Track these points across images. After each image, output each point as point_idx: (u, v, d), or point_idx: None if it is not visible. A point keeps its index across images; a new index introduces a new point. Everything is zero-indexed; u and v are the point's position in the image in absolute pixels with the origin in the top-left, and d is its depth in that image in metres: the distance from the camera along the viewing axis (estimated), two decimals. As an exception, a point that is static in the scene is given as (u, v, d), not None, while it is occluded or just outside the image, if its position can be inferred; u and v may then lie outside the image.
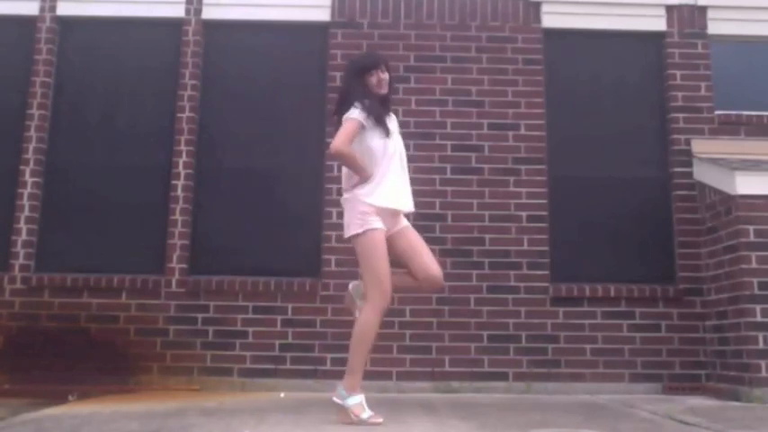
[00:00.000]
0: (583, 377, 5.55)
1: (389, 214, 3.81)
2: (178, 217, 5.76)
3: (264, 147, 5.97)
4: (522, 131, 5.94)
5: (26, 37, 6.06)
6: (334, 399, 3.75)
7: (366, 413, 3.64)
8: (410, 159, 5.72)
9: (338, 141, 3.73)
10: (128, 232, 5.82)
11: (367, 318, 3.76)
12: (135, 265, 5.73)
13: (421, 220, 5.66)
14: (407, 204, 3.89)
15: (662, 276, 5.79)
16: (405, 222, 3.92)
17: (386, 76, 3.90)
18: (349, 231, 3.79)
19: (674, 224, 5.86)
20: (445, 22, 6.12)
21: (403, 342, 5.55)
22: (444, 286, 3.87)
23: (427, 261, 3.83)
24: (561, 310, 5.65)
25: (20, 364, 5.43)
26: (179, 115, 5.93)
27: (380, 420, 3.64)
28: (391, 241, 3.81)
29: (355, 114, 3.77)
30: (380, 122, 3.82)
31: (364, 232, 3.72)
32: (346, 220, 3.82)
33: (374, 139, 3.81)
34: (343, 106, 3.85)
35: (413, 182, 5.70)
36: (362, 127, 3.78)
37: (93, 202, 5.87)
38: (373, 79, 3.86)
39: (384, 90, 3.91)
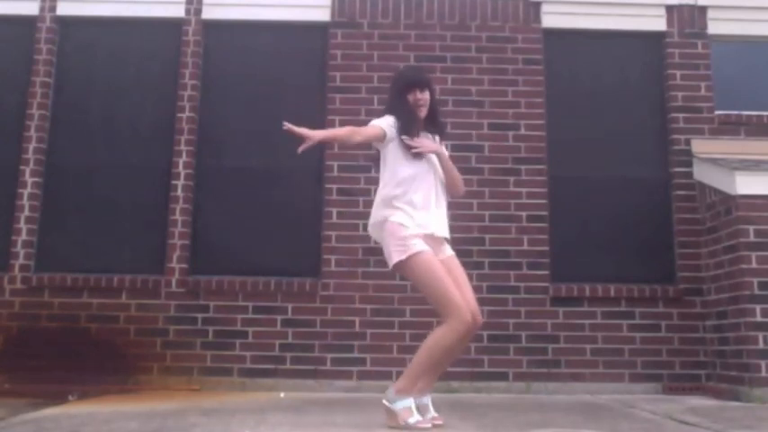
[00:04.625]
0: (583, 377, 5.55)
1: (430, 239, 3.59)
2: (178, 217, 5.76)
3: (265, 147, 5.96)
4: (522, 131, 5.94)
5: (26, 37, 6.06)
6: (383, 401, 3.51)
7: (414, 417, 3.41)
8: (410, 159, 5.80)
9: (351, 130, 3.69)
10: (128, 232, 5.83)
11: (441, 335, 3.47)
12: (135, 265, 5.73)
13: (421, 220, 5.66)
14: (442, 230, 3.66)
15: (662, 276, 5.79)
16: (449, 252, 3.69)
17: (423, 96, 3.67)
18: (392, 261, 3.56)
19: (674, 224, 5.86)
20: (445, 22, 6.12)
21: (403, 342, 5.54)
22: (480, 323, 3.60)
23: (468, 297, 3.56)
24: (561, 310, 5.65)
25: (20, 364, 5.43)
26: (179, 115, 5.93)
27: (428, 426, 3.43)
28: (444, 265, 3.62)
29: (383, 123, 3.65)
30: (404, 141, 3.63)
31: (408, 258, 3.50)
32: (386, 250, 3.60)
33: (404, 162, 3.62)
34: (402, 126, 3.68)
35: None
36: (384, 138, 3.63)
37: (93, 202, 5.87)
38: (411, 98, 3.67)
39: (422, 110, 3.69)
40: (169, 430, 3.50)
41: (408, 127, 3.65)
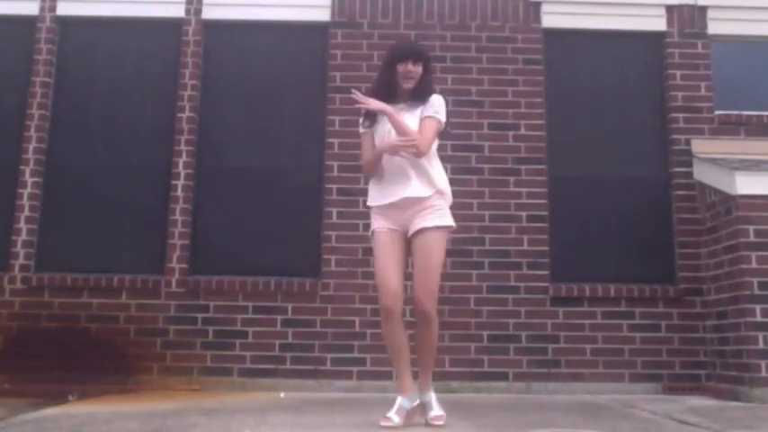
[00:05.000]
0: (583, 377, 5.55)
1: (394, 210, 3.62)
2: (178, 217, 5.76)
3: (265, 147, 5.97)
4: (522, 131, 5.94)
5: (26, 37, 6.06)
6: None
7: (387, 413, 3.51)
8: (410, 159, 5.80)
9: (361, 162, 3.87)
10: (128, 232, 5.82)
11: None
12: (135, 265, 5.73)
13: (421, 220, 5.67)
14: (406, 192, 3.59)
15: (662, 276, 5.78)
16: (423, 223, 3.57)
17: (415, 69, 3.64)
18: None
19: (674, 224, 5.86)
20: (445, 22, 6.12)
21: (403, 342, 5.54)
22: (426, 312, 3.54)
23: (417, 281, 3.56)
24: (561, 310, 5.65)
25: (20, 364, 5.42)
26: (179, 115, 5.93)
27: (386, 424, 3.45)
28: (412, 243, 3.63)
29: (360, 129, 3.83)
30: (372, 121, 3.74)
31: (371, 233, 3.72)
32: None
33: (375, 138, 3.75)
34: (372, 89, 3.77)
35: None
36: (368, 134, 3.76)
37: (93, 202, 5.87)
38: (401, 69, 3.65)
39: (407, 84, 3.66)
40: (169, 430, 3.50)
41: (372, 93, 3.69)
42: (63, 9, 6.12)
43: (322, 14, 6.13)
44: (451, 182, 5.72)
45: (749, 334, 5.00)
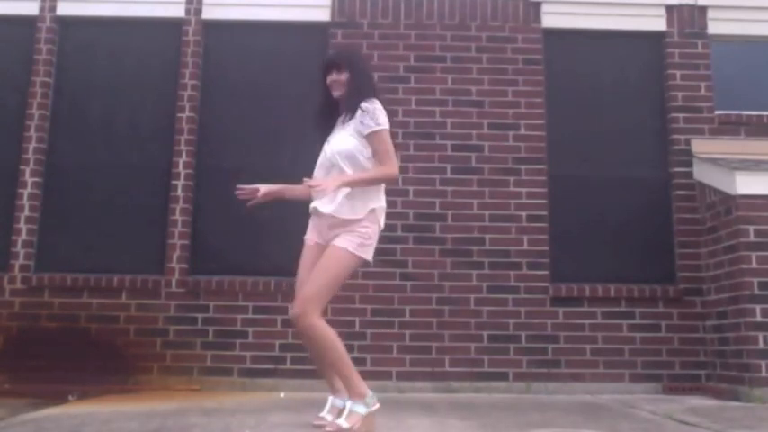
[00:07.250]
0: (583, 377, 5.55)
1: (321, 222, 3.59)
2: (178, 217, 5.76)
3: (264, 147, 5.97)
4: (522, 131, 5.94)
5: (26, 37, 6.06)
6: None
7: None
8: (410, 159, 5.81)
9: None
10: (128, 232, 5.82)
11: None
12: (135, 265, 5.73)
13: (421, 220, 5.69)
14: (320, 207, 3.55)
15: (662, 276, 5.79)
16: (335, 241, 3.50)
17: (339, 77, 3.52)
18: None
19: (674, 224, 5.86)
20: (445, 22, 6.12)
21: (403, 342, 5.55)
22: (295, 322, 3.57)
23: (300, 289, 3.54)
24: (561, 310, 5.65)
25: (20, 363, 5.43)
26: (179, 115, 5.93)
27: (318, 422, 3.47)
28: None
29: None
30: (317, 130, 3.72)
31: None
32: None
33: None
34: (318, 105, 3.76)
35: (412, 182, 5.76)
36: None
37: (93, 203, 5.87)
38: (328, 80, 3.58)
39: (336, 93, 3.57)
40: (169, 430, 3.50)
41: (318, 109, 3.73)
42: (63, 9, 6.12)
43: (322, 14, 6.13)
44: (451, 182, 5.83)
45: (749, 334, 5.00)
